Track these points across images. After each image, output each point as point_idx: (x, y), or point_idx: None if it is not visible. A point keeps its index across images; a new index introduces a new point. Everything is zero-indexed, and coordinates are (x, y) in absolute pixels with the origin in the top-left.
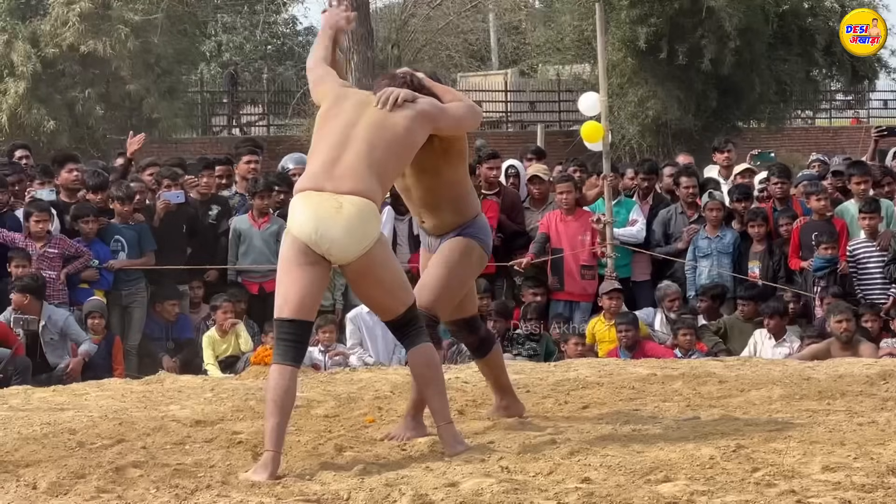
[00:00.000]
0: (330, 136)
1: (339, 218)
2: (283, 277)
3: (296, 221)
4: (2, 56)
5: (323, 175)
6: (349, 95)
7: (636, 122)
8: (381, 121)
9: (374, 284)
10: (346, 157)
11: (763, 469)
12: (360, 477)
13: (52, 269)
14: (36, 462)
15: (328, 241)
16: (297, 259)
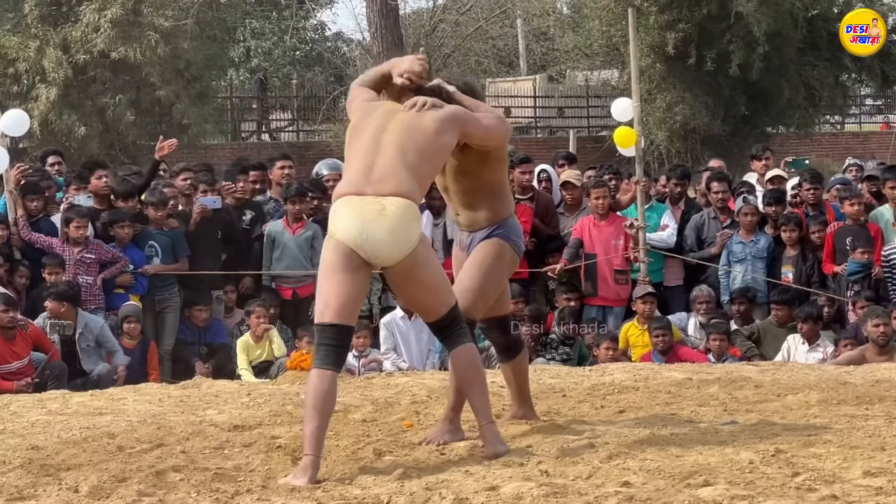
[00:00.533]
0: (363, 144)
1: (384, 220)
2: (324, 282)
3: (339, 226)
4: (33, 62)
5: (362, 180)
6: (377, 107)
7: (664, 128)
8: (410, 124)
9: (417, 286)
10: (381, 160)
11: (803, 474)
12: (400, 481)
13: (89, 274)
14: (77, 465)
15: (373, 243)
16: (340, 264)
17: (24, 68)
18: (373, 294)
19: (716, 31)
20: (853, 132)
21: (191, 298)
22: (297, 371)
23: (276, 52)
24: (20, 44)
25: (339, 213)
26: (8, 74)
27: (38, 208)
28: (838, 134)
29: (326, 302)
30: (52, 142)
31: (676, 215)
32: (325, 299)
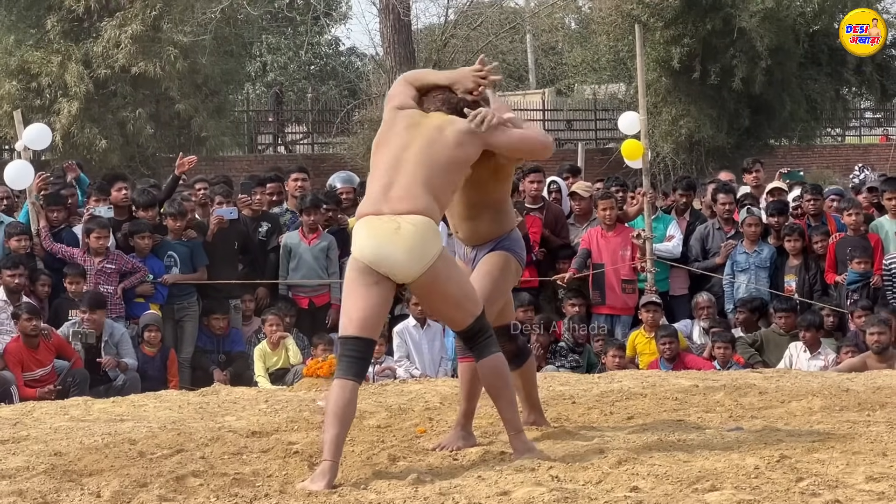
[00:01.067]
0: (384, 160)
1: (398, 238)
2: (346, 298)
3: (357, 246)
4: (56, 77)
5: (381, 199)
6: (400, 118)
7: (670, 140)
8: (431, 138)
9: (440, 299)
10: (400, 179)
11: (807, 479)
12: (414, 486)
13: (110, 283)
14: (99, 471)
15: (391, 262)
16: (359, 279)
17: (46, 83)
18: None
19: (720, 46)
20: (853, 144)
21: (209, 307)
22: (314, 378)
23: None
24: (43, 59)
25: (359, 233)
26: (31, 88)
27: (60, 219)
28: (839, 146)
29: (349, 316)
30: (73, 155)
31: (682, 226)
32: (347, 313)
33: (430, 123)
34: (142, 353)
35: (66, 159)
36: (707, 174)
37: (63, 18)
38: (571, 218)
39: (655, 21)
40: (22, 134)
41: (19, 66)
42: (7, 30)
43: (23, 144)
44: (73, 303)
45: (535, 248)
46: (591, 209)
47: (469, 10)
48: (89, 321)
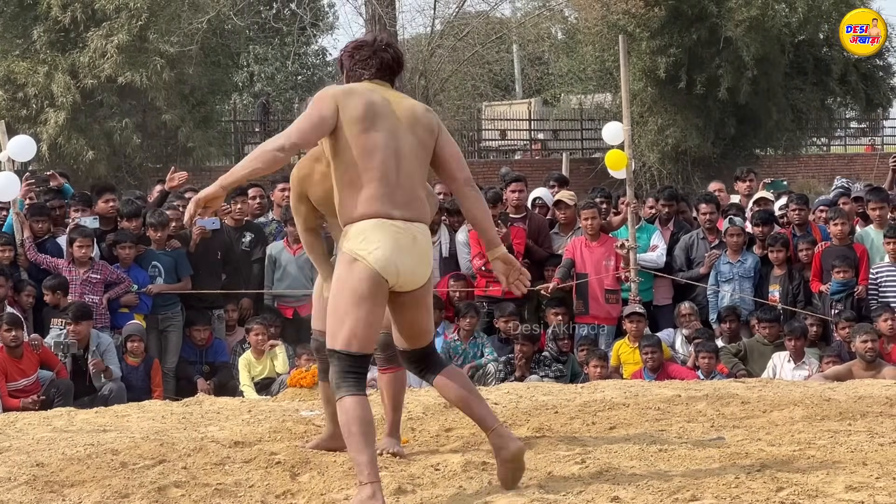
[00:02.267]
0: (379, 149)
1: (416, 250)
2: (352, 310)
3: (376, 254)
4: (42, 87)
5: (388, 202)
6: (368, 91)
7: (656, 150)
8: (418, 132)
9: (422, 309)
10: (403, 179)
11: (787, 488)
12: (396, 496)
13: (95, 294)
14: (80, 482)
15: (408, 273)
16: (372, 294)
17: (33, 93)
18: None
19: (705, 56)
20: (839, 154)
21: (190, 319)
22: (297, 388)
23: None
24: (29, 69)
25: (374, 238)
26: (17, 99)
27: (45, 229)
28: (824, 156)
29: (354, 332)
30: (60, 165)
31: (666, 236)
32: (353, 328)
33: (402, 105)
34: (125, 364)
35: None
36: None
37: (49, 29)
38: (556, 227)
39: (641, 31)
40: (6, 145)
41: (5, 76)
42: None
43: (6, 155)
44: (57, 313)
45: (518, 258)
46: (575, 218)
47: (455, 21)
48: (75, 332)
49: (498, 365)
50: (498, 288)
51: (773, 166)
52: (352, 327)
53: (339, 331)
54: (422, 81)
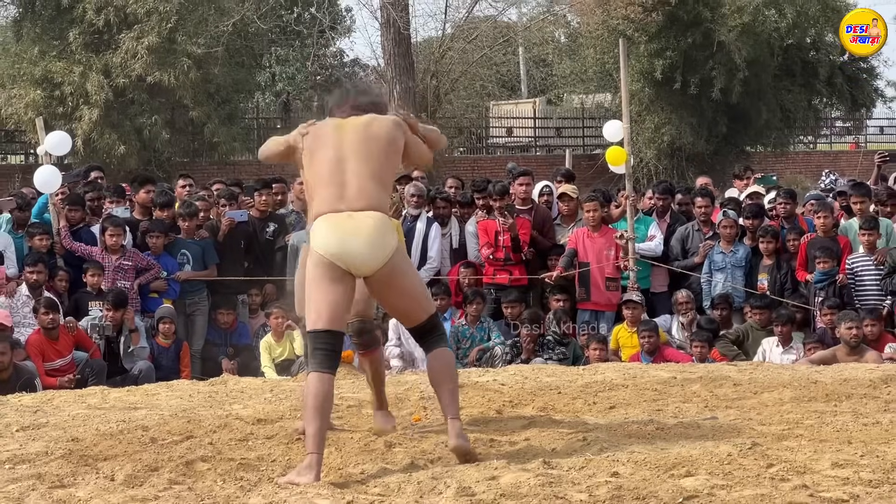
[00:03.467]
0: (325, 164)
1: (360, 234)
2: (313, 293)
3: (319, 242)
4: (77, 86)
5: (336, 198)
6: (322, 127)
7: (653, 147)
8: (364, 136)
9: (397, 293)
10: (349, 178)
11: (777, 465)
12: (409, 471)
13: (126, 280)
14: (113, 456)
15: (352, 255)
16: (324, 275)
17: (68, 91)
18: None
19: (699, 59)
20: (825, 151)
21: (216, 303)
22: None
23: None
24: (65, 69)
25: (320, 230)
26: (54, 97)
27: (79, 218)
28: (811, 153)
29: (318, 311)
30: (94, 159)
31: (662, 227)
32: (316, 309)
33: (354, 123)
34: (156, 345)
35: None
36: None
37: (84, 31)
38: (558, 219)
39: (640, 35)
40: (43, 140)
41: (43, 75)
42: (32, 41)
43: (44, 149)
44: (91, 296)
45: (524, 248)
46: (577, 210)
47: (465, 25)
48: (112, 318)
49: (504, 348)
50: (505, 276)
51: (763, 162)
52: (315, 308)
53: (308, 314)
54: (433, 81)
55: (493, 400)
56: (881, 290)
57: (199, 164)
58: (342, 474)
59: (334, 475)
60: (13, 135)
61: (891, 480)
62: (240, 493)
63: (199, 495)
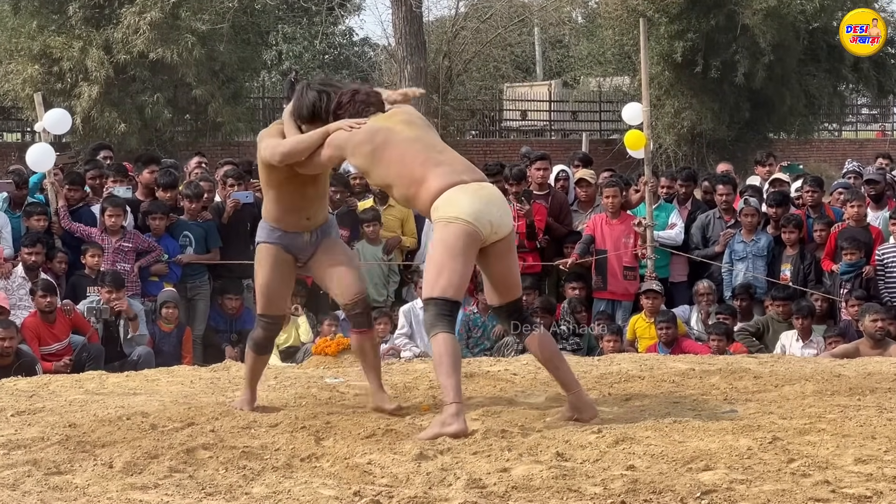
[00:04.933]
0: (413, 147)
1: (495, 200)
2: (447, 261)
3: (465, 209)
4: (77, 62)
5: (450, 172)
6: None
7: (672, 133)
8: (421, 122)
9: (512, 261)
10: (446, 155)
11: (798, 460)
12: (418, 462)
13: (126, 262)
14: (111, 443)
15: (495, 218)
16: (467, 247)
17: (68, 67)
18: (390, 285)
19: (722, 42)
20: (850, 139)
21: (223, 287)
22: (322, 356)
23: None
24: (65, 44)
25: (462, 199)
26: (53, 72)
27: (78, 198)
28: (836, 140)
29: (450, 281)
30: (94, 137)
31: (683, 215)
32: (448, 277)
33: (398, 115)
34: (158, 329)
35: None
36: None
37: (84, 5)
38: (575, 204)
39: (660, 16)
40: (42, 116)
41: (42, 50)
42: (30, 15)
43: (42, 126)
44: (89, 279)
45: (539, 234)
46: (595, 196)
47: (479, 3)
48: (109, 301)
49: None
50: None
51: (786, 150)
52: (447, 277)
53: (437, 281)
54: (445, 62)
55: (504, 390)
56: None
57: (203, 144)
58: (348, 464)
59: (340, 465)
60: (10, 112)
61: None
62: (242, 482)
63: (201, 483)
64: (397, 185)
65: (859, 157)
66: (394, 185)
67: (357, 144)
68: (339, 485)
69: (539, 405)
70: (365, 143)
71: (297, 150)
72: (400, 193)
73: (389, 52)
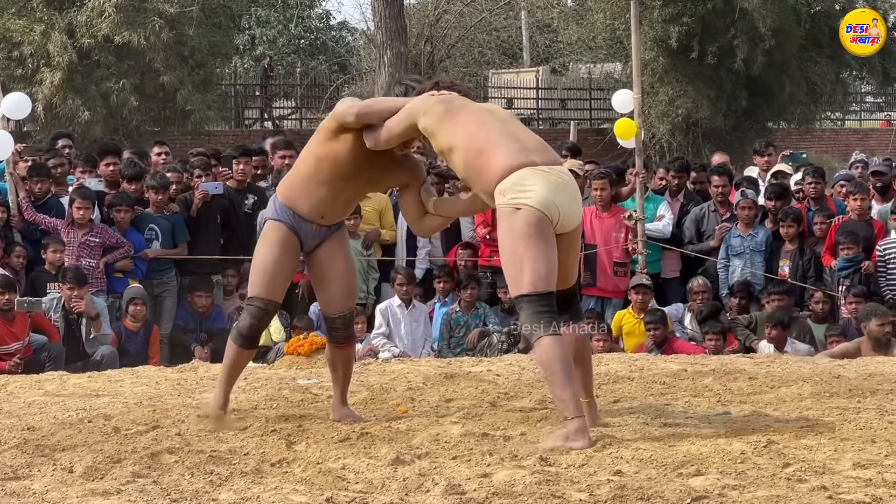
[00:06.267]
0: (485, 119)
1: (568, 187)
2: (525, 251)
3: (537, 196)
4: (38, 46)
5: (520, 151)
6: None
7: (667, 121)
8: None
9: (577, 249)
10: (521, 133)
11: (794, 465)
12: (394, 467)
13: (93, 257)
14: (72, 446)
15: (566, 210)
16: (540, 234)
17: (28, 52)
18: (370, 282)
19: (719, 26)
20: (853, 129)
21: (192, 284)
22: (294, 356)
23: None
24: (25, 27)
25: (531, 183)
26: (13, 58)
27: (45, 190)
28: (839, 130)
29: (538, 272)
30: (56, 126)
31: (675, 207)
32: (535, 270)
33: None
34: (124, 328)
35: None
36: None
37: None
38: None
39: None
40: (0, 101)
41: (1, 34)
42: None
43: (1, 113)
44: (50, 275)
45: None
46: (584, 188)
47: None
48: (70, 298)
49: (501, 336)
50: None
51: (786, 140)
52: (534, 269)
53: (521, 276)
54: (427, 47)
55: (486, 391)
56: None
57: (171, 133)
58: (321, 469)
59: (312, 470)
60: None
61: None
62: (209, 487)
63: (165, 489)
64: (462, 150)
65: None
66: (457, 149)
67: (432, 104)
68: (310, 491)
69: (523, 408)
70: (440, 104)
71: (375, 108)
72: (461, 160)
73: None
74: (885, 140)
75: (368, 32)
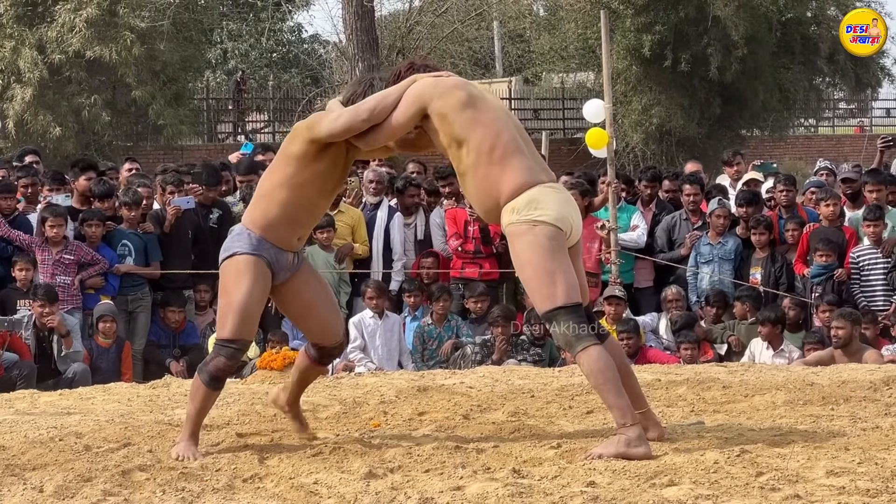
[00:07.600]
0: (507, 135)
1: (573, 202)
2: (554, 264)
3: (555, 213)
4: (9, 63)
5: (535, 169)
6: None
7: (640, 130)
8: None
9: (580, 267)
10: (529, 147)
11: (767, 473)
12: (366, 480)
13: (67, 274)
14: (42, 465)
15: (575, 224)
16: (561, 247)
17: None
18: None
19: (692, 35)
20: (826, 135)
21: (165, 300)
22: (267, 371)
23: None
24: None
25: (545, 201)
26: None
27: (12, 207)
28: (812, 137)
29: (568, 282)
30: (27, 142)
31: (647, 216)
32: (564, 280)
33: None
34: (95, 345)
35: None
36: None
37: (16, 2)
38: None
39: (626, 8)
40: None
41: None
42: None
43: None
44: (21, 292)
45: (495, 239)
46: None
47: None
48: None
49: (474, 347)
50: (474, 269)
51: (760, 147)
52: (565, 280)
53: (554, 288)
54: (399, 59)
55: (459, 404)
56: (888, 285)
57: (143, 148)
58: (293, 484)
59: (284, 485)
60: None
61: (890, 490)
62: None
63: None
64: (474, 151)
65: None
66: (470, 146)
67: (449, 88)
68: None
69: (496, 420)
70: (458, 90)
71: (383, 104)
72: (471, 159)
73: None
74: (858, 146)
75: (340, 45)
